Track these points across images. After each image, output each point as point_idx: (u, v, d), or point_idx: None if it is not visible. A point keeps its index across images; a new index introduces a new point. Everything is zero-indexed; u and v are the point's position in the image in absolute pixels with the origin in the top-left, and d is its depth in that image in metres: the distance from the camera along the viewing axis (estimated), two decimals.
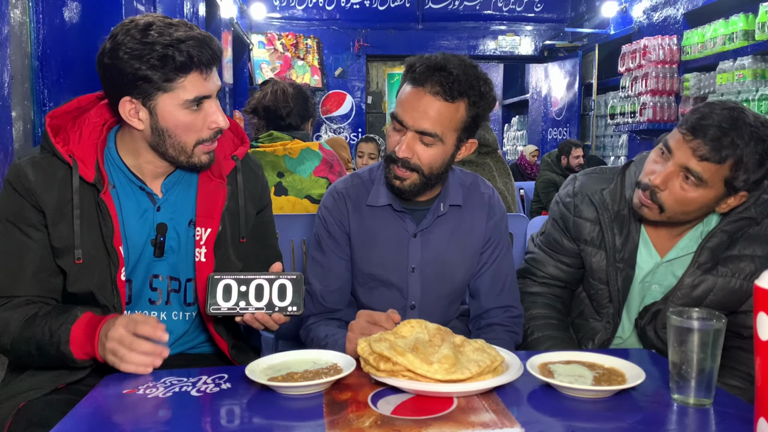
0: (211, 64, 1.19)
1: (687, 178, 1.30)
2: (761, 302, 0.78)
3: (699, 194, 1.31)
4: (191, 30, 1.18)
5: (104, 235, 1.23)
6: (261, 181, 1.47)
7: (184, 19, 1.21)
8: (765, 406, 0.78)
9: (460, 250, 1.47)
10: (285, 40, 7.87)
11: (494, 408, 0.96)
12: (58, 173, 1.23)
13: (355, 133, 8.19)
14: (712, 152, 1.26)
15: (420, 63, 1.33)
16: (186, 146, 1.23)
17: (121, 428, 0.93)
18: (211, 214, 1.32)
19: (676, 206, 1.33)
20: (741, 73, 4.69)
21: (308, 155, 2.25)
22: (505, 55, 8.43)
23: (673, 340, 0.98)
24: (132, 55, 1.13)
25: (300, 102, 2.33)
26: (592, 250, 1.49)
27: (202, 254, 1.31)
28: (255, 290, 1.18)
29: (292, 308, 1.18)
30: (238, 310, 1.18)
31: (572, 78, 7.78)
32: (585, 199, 1.50)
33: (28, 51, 2.85)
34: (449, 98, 1.31)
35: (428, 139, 1.33)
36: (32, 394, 1.18)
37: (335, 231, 1.48)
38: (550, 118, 8.31)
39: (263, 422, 0.96)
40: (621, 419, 0.93)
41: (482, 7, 8.21)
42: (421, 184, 1.37)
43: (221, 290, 1.18)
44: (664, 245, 1.46)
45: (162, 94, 1.17)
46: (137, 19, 1.17)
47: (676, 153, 1.30)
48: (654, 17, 6.22)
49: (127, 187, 1.29)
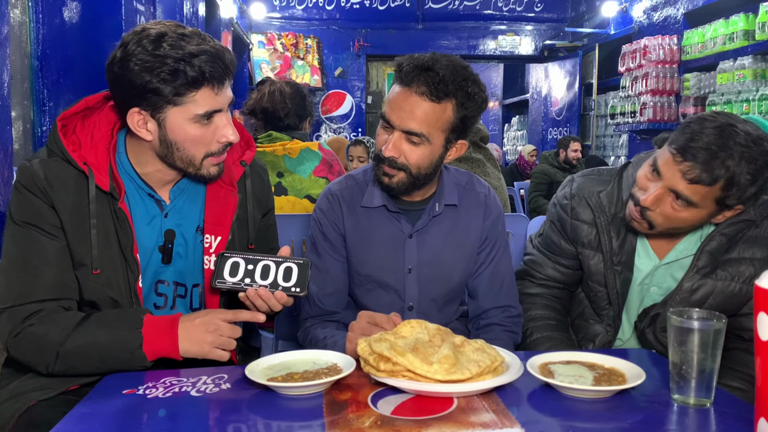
0: (223, 78, 1.17)
1: (677, 199, 1.28)
2: (761, 302, 0.78)
3: (690, 214, 1.30)
4: (205, 43, 1.15)
5: (122, 243, 1.22)
6: (267, 185, 1.46)
7: (197, 29, 1.18)
8: (765, 406, 0.78)
9: (457, 250, 1.46)
10: (285, 39, 7.87)
11: (494, 408, 0.96)
12: (71, 178, 1.21)
13: (354, 133, 8.19)
14: (702, 175, 1.23)
15: (408, 63, 1.32)
16: (194, 159, 1.22)
17: (121, 428, 0.93)
18: (221, 221, 1.31)
19: (667, 223, 1.33)
20: (741, 72, 4.69)
21: (308, 155, 2.25)
22: (505, 55, 8.43)
23: (674, 340, 0.98)
24: (143, 67, 1.11)
25: (298, 101, 2.31)
26: (590, 252, 1.49)
27: (211, 262, 1.30)
28: (261, 269, 1.21)
29: (296, 289, 1.20)
30: (243, 285, 1.20)
31: (572, 78, 7.79)
32: (582, 202, 1.49)
33: (28, 51, 2.85)
34: (435, 99, 1.30)
35: (415, 139, 1.33)
36: (41, 395, 1.17)
37: (330, 233, 1.48)
38: (551, 118, 8.31)
39: (263, 422, 0.96)
40: (621, 419, 0.93)
41: (482, 6, 8.21)
42: (409, 182, 1.37)
43: (229, 267, 1.21)
44: (662, 248, 1.45)
45: (172, 107, 1.15)
46: (149, 28, 1.14)
47: (666, 175, 1.28)
48: (654, 17, 6.21)
49: (136, 193, 1.28)
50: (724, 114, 1.29)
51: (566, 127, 7.90)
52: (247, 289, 1.19)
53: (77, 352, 1.15)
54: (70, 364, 1.16)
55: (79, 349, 1.15)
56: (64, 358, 1.15)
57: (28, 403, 1.16)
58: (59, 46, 2.94)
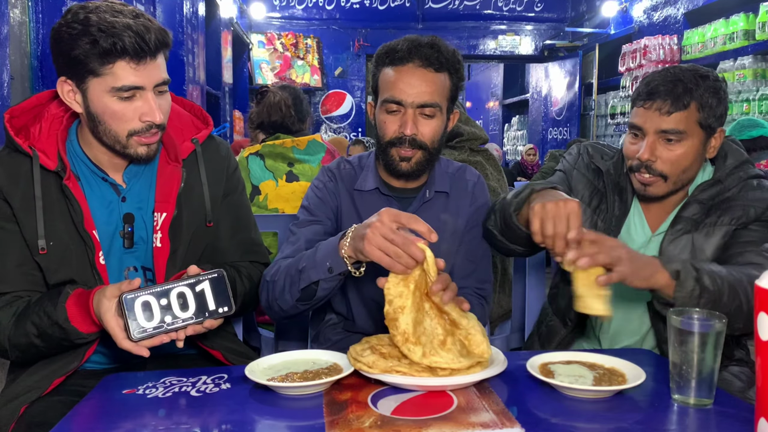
0: (142, 55, 1.15)
1: (669, 140, 1.35)
2: (761, 302, 0.78)
3: (686, 147, 1.35)
4: (135, 18, 1.16)
5: (75, 220, 1.22)
6: (227, 163, 1.43)
7: (138, 9, 1.20)
8: (765, 406, 0.78)
9: (447, 236, 1.46)
10: (285, 39, 7.87)
11: (494, 408, 0.96)
12: (22, 168, 1.22)
13: (354, 132, 8.19)
14: (675, 103, 1.32)
15: (400, 44, 1.37)
16: (118, 136, 1.21)
17: (121, 428, 0.93)
18: (167, 198, 1.30)
19: (675, 168, 1.37)
20: (741, 72, 4.69)
21: (315, 147, 2.36)
22: (505, 54, 8.44)
23: (674, 340, 0.98)
24: (70, 35, 1.14)
25: (298, 106, 2.42)
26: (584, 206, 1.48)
27: (158, 239, 1.29)
28: (178, 300, 1.09)
29: (223, 309, 1.12)
30: (166, 327, 1.08)
31: (572, 78, 7.79)
32: (591, 165, 1.53)
33: (28, 51, 2.85)
34: (438, 68, 1.36)
35: (429, 110, 1.36)
36: (31, 396, 1.18)
37: (326, 199, 1.47)
38: (551, 118, 8.31)
39: (263, 422, 0.96)
40: (621, 419, 0.93)
41: (482, 6, 8.22)
42: (425, 161, 1.40)
43: (140, 309, 1.07)
44: (655, 220, 1.47)
45: (92, 78, 1.16)
46: (90, 2, 1.17)
47: (646, 124, 1.35)
48: (654, 17, 6.21)
49: (91, 178, 1.28)
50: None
51: (566, 127, 7.90)
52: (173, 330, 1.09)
53: (22, 335, 1.17)
54: (21, 348, 1.20)
55: (22, 331, 1.17)
56: (14, 343, 1.19)
57: (18, 409, 1.17)
58: None
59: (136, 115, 1.19)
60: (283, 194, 2.29)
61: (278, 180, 2.28)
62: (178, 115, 1.36)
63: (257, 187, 2.25)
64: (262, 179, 2.28)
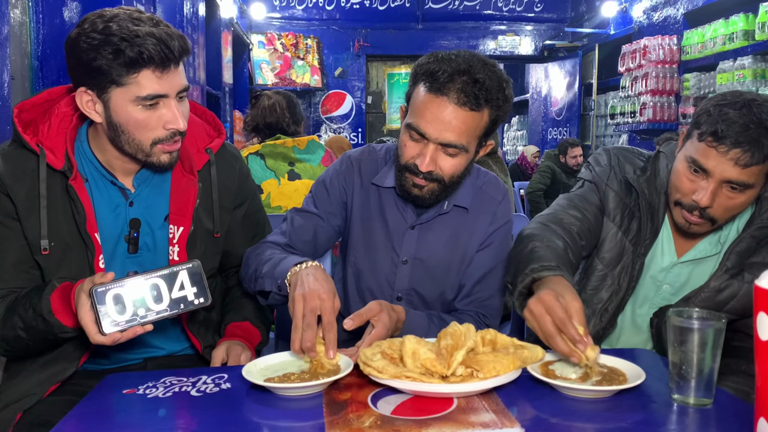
0: (166, 63, 1.15)
1: (733, 189, 1.27)
2: (761, 302, 0.78)
3: (747, 196, 1.29)
4: (156, 27, 1.14)
5: (77, 222, 1.22)
6: (239, 173, 1.42)
7: (155, 16, 1.19)
8: (765, 406, 0.78)
9: (457, 252, 1.43)
10: (285, 40, 7.86)
11: (494, 408, 0.96)
12: (29, 165, 1.21)
13: (354, 132, 8.19)
14: (755, 155, 1.22)
15: (442, 69, 1.22)
16: (142, 145, 1.20)
17: (121, 428, 0.93)
18: (183, 212, 1.30)
19: (727, 214, 1.32)
20: (741, 73, 4.69)
21: (314, 147, 2.42)
22: (505, 55, 8.43)
23: (673, 340, 0.98)
24: (90, 46, 1.12)
25: (292, 108, 2.49)
26: (611, 225, 1.44)
27: (175, 253, 1.29)
28: (151, 292, 1.06)
29: (199, 300, 1.10)
30: (139, 319, 1.04)
31: (572, 78, 7.78)
32: (623, 180, 1.45)
33: (28, 51, 2.85)
34: (475, 107, 1.23)
35: (452, 150, 1.27)
36: (26, 403, 1.18)
37: (334, 193, 1.44)
38: (550, 118, 8.30)
39: (263, 422, 0.96)
40: (621, 419, 0.93)
41: (482, 6, 8.21)
42: (440, 191, 1.33)
43: (111, 302, 1.03)
44: (683, 246, 1.43)
45: (115, 88, 1.15)
46: (107, 11, 1.16)
47: (714, 169, 1.25)
48: (654, 17, 6.21)
49: (99, 181, 1.28)
50: (732, 93, 1.30)
51: (566, 127, 7.90)
52: (147, 322, 1.06)
53: (9, 328, 1.17)
54: (9, 341, 1.19)
55: (10, 324, 1.17)
56: (3, 336, 1.19)
57: (15, 414, 1.17)
58: (59, 46, 2.91)
59: (160, 123, 1.19)
60: (285, 192, 2.32)
61: (280, 179, 2.31)
62: (192, 123, 1.34)
63: (259, 186, 2.28)
64: (263, 178, 2.31)
